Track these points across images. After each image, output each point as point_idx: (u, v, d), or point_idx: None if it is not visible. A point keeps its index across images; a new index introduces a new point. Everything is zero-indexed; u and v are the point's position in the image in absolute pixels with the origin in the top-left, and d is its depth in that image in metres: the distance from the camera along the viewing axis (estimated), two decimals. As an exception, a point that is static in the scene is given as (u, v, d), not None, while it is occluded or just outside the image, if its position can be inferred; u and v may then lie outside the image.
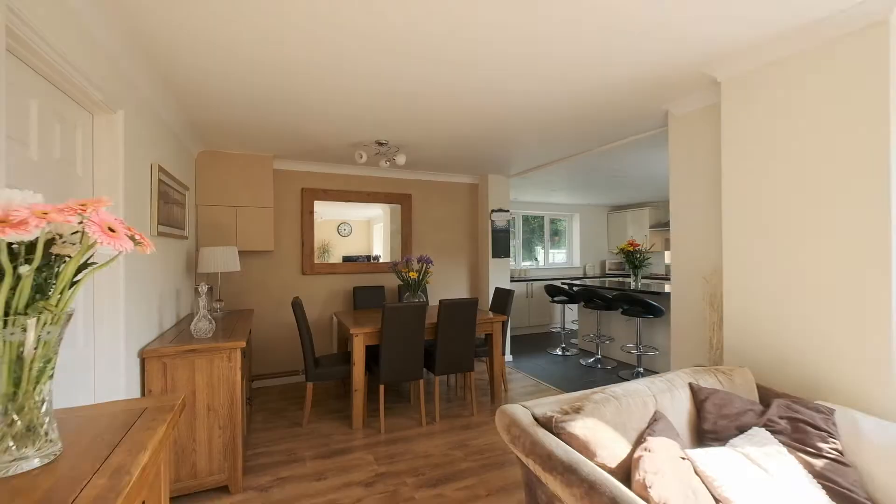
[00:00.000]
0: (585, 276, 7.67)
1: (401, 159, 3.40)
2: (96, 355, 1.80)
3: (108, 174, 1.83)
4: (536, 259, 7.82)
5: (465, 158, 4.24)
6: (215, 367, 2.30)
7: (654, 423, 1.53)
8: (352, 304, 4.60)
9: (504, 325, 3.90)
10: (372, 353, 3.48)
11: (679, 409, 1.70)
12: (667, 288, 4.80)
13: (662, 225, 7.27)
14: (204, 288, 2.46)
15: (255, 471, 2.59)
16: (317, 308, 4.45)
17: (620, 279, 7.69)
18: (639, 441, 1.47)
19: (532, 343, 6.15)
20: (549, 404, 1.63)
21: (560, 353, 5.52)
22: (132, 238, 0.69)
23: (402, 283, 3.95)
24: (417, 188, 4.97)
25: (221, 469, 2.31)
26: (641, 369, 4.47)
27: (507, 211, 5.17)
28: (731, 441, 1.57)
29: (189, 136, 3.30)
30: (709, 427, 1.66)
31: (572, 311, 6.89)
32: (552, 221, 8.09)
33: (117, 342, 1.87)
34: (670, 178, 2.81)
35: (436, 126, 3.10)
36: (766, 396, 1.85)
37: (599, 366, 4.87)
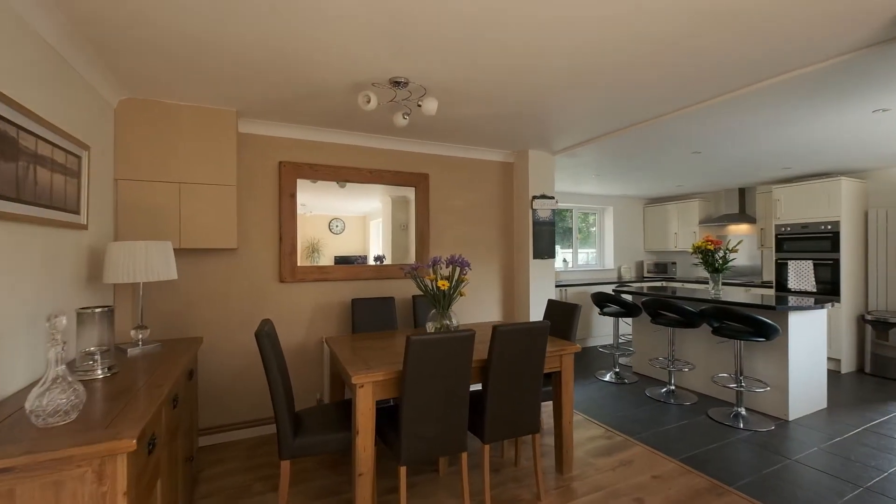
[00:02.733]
0: (621, 281, 6.51)
1: (430, 105, 2.18)
2: None
3: None
4: (565, 260, 6.65)
5: (506, 120, 3.03)
6: (66, 498, 1.06)
7: None
8: (350, 323, 3.37)
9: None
10: (386, 412, 2.26)
11: None
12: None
13: (715, 220, 6.15)
14: (61, 322, 1.20)
15: None
16: (300, 330, 3.20)
17: (663, 283, 6.56)
18: None
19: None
20: None
21: (613, 379, 4.34)
22: None
23: (422, 293, 2.74)
24: (437, 166, 3.75)
25: None
26: (743, 410, 3.30)
27: (553, 198, 3.97)
28: None
29: (97, 70, 2.04)
30: None
31: (624, 325, 5.72)
32: (582, 216, 6.92)
33: None
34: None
35: (482, 55, 1.89)
36: None
37: (674, 400, 3.70)
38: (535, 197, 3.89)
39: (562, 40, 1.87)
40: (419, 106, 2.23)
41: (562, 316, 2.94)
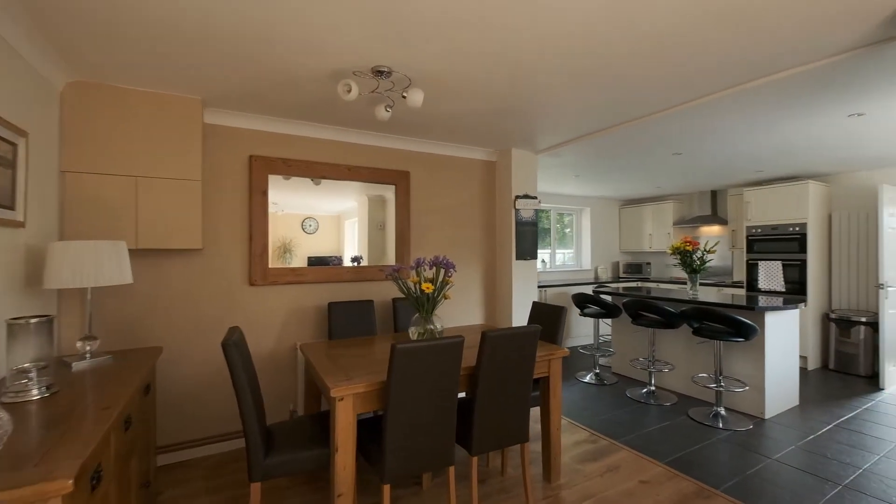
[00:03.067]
0: (599, 281, 6.56)
1: (416, 96, 2.04)
2: None
3: None
4: (544, 261, 6.63)
5: (491, 116, 2.93)
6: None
7: None
8: (326, 328, 3.18)
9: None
10: (367, 424, 2.11)
11: None
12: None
13: (688, 222, 6.28)
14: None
15: None
16: (271, 336, 2.99)
17: (639, 284, 6.66)
18: None
19: (551, 365, 4.93)
20: None
21: (593, 380, 4.33)
22: None
23: (404, 296, 2.61)
24: (418, 164, 3.62)
25: None
26: (722, 410, 3.33)
27: (536, 198, 3.91)
28: None
29: (35, 46, 1.80)
30: None
31: (603, 325, 5.73)
32: (559, 216, 6.93)
33: None
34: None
35: (472, 44, 1.77)
36: None
37: (654, 401, 3.71)
38: (517, 197, 3.82)
39: (555, 29, 1.78)
40: (404, 97, 2.09)
41: (548, 319, 2.87)
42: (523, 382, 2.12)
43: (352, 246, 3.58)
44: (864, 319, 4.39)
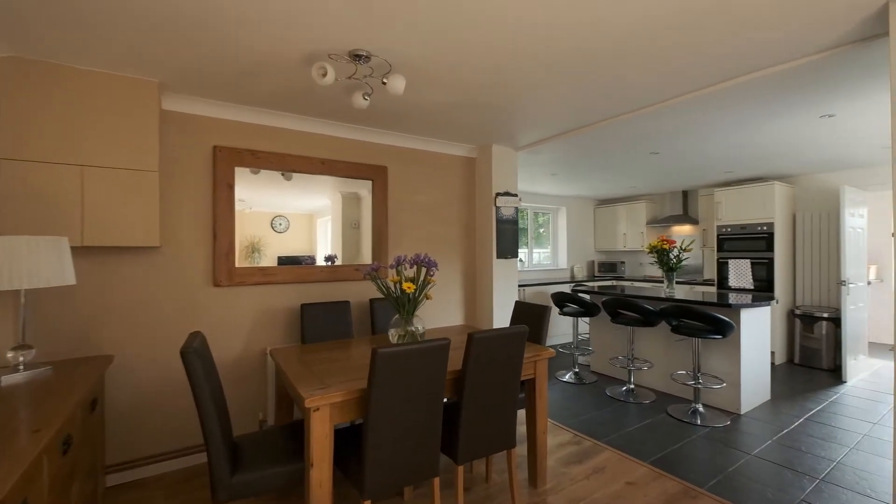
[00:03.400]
0: (575, 280, 6.60)
1: (397, 83, 1.91)
2: None
3: None
4: (521, 260, 6.61)
5: (474, 110, 2.83)
6: None
7: None
8: (299, 331, 2.99)
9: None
10: (345, 434, 1.96)
11: None
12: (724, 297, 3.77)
13: (661, 221, 6.41)
14: None
15: None
16: (238, 341, 2.78)
17: (614, 282, 6.74)
18: None
19: (531, 365, 4.89)
20: None
21: (573, 379, 4.31)
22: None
23: (383, 296, 2.48)
24: (396, 158, 3.48)
25: None
26: (700, 406, 3.36)
27: (516, 195, 3.85)
28: None
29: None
30: None
31: (581, 324, 5.74)
32: (535, 216, 6.93)
33: None
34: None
35: (457, 29, 1.66)
36: None
37: (633, 399, 3.72)
38: (498, 194, 3.74)
39: (542, 17, 1.69)
40: (384, 83, 1.95)
41: (532, 318, 2.79)
42: (511, 385, 2.02)
43: (325, 245, 3.40)
44: (826, 315, 4.57)
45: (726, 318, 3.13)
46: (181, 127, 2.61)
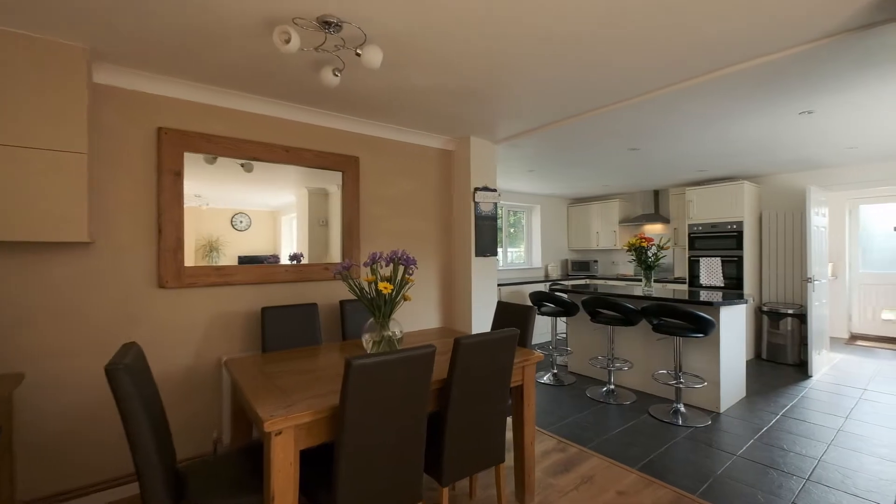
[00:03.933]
0: (550, 279, 6.54)
1: (373, 55, 1.67)
2: None
3: None
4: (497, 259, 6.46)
5: (453, 96, 2.63)
6: None
7: None
8: (259, 338, 2.69)
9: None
10: (314, 459, 1.71)
11: None
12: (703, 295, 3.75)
13: (633, 220, 6.46)
14: None
15: None
16: (188, 350, 2.45)
17: (587, 281, 6.74)
18: None
19: (508, 367, 4.74)
20: None
21: (552, 380, 4.19)
22: None
23: (356, 297, 2.24)
24: (368, 149, 3.22)
25: None
26: (682, 406, 3.31)
27: (496, 190, 3.68)
28: None
29: None
30: None
31: (559, 324, 5.66)
32: (510, 214, 6.82)
33: None
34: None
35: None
36: None
37: (614, 400, 3.64)
38: (477, 189, 3.56)
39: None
40: (358, 55, 1.71)
41: (516, 320, 2.63)
42: (500, 395, 1.84)
43: (290, 244, 3.10)
44: (791, 311, 4.69)
45: (708, 317, 3.08)
46: (119, 104, 2.26)
